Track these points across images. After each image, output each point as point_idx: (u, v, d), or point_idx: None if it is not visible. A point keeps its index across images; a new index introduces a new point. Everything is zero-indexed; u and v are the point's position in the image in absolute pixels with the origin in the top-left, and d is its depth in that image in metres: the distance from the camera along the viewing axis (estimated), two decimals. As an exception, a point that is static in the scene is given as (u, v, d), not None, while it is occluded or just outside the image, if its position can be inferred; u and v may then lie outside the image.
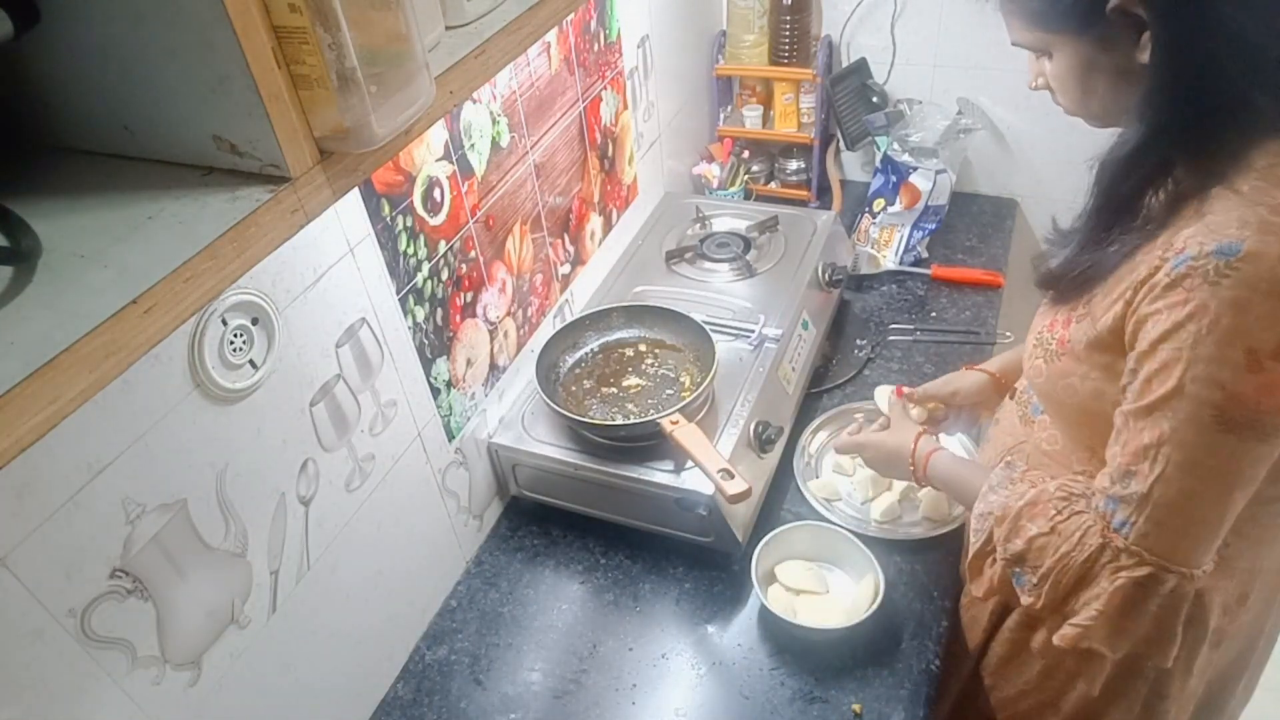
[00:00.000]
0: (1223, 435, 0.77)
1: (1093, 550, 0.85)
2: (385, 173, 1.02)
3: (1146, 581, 0.83)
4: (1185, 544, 0.82)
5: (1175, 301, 0.77)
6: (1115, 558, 0.84)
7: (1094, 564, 0.85)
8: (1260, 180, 0.78)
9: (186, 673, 0.86)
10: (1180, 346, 0.76)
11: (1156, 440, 0.80)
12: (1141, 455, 0.81)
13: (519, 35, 0.79)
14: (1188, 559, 0.82)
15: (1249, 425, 0.76)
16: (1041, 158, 1.90)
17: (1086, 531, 0.86)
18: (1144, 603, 0.84)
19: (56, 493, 0.71)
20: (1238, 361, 0.74)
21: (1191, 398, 0.77)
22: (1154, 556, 0.82)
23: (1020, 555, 0.91)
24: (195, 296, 0.53)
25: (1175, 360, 0.77)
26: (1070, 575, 0.87)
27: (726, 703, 1.12)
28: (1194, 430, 0.77)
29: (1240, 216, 0.76)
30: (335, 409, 1.00)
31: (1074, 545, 0.86)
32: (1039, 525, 0.89)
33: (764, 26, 1.86)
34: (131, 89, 0.57)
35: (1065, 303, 0.94)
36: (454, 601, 1.29)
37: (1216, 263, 0.74)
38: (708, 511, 1.19)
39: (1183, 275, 0.76)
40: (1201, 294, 0.75)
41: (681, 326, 1.40)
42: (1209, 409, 0.76)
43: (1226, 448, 0.77)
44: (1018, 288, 1.76)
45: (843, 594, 1.20)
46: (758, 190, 2.07)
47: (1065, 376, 0.93)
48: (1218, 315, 0.74)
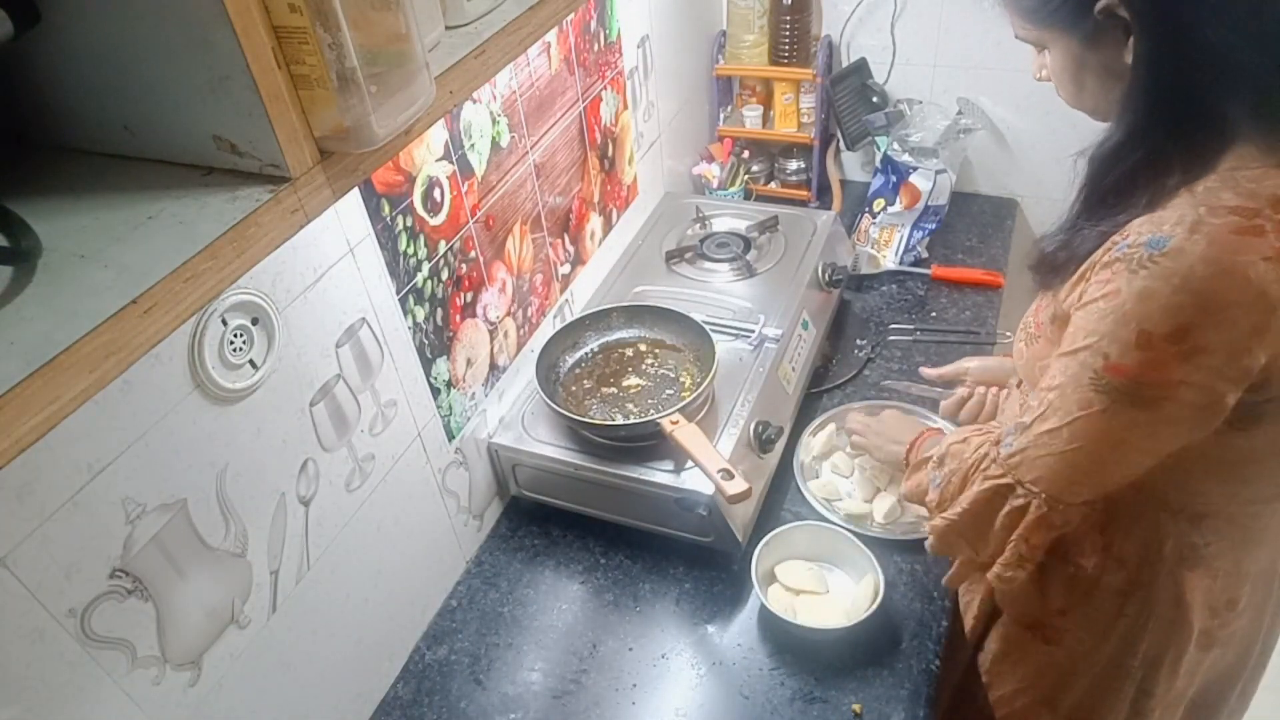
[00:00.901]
0: (1094, 394, 0.84)
1: (979, 458, 0.98)
2: (385, 173, 1.02)
3: (1002, 490, 0.94)
4: (1042, 471, 0.90)
5: (1102, 279, 0.83)
6: (988, 467, 0.96)
7: (975, 469, 0.98)
8: (1215, 182, 0.80)
9: (186, 673, 0.86)
10: (1088, 317, 0.84)
11: (1048, 385, 0.89)
12: (1038, 394, 0.91)
13: (519, 35, 0.79)
14: (1041, 483, 0.91)
15: (1122, 390, 0.82)
16: (1041, 158, 1.90)
17: (984, 444, 0.99)
18: (996, 508, 0.95)
19: (56, 493, 0.71)
20: (1127, 340, 0.80)
21: (1079, 360, 0.85)
22: (1014, 473, 0.93)
23: (940, 458, 1.04)
24: (195, 296, 0.53)
25: (1081, 328, 0.85)
26: (959, 477, 1.00)
27: (726, 703, 1.12)
28: (1073, 385, 0.86)
29: (1180, 214, 0.79)
30: (335, 409, 1.00)
31: (970, 451, 0.99)
32: (960, 437, 1.04)
33: (764, 26, 1.86)
34: (131, 89, 0.57)
35: (1047, 288, 0.97)
36: (454, 601, 1.29)
37: (1142, 253, 0.79)
38: (708, 511, 1.19)
39: (1115, 259, 0.81)
40: (1120, 280, 0.80)
41: (681, 326, 1.40)
42: (1089, 371, 0.84)
43: (1097, 404, 0.85)
44: (1018, 288, 1.76)
45: (843, 594, 1.20)
46: (758, 190, 2.07)
47: (1040, 359, 0.97)
48: (1124, 300, 0.80)
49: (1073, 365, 0.85)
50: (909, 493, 1.12)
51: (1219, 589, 0.99)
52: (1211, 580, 0.98)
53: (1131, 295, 0.79)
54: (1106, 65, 0.85)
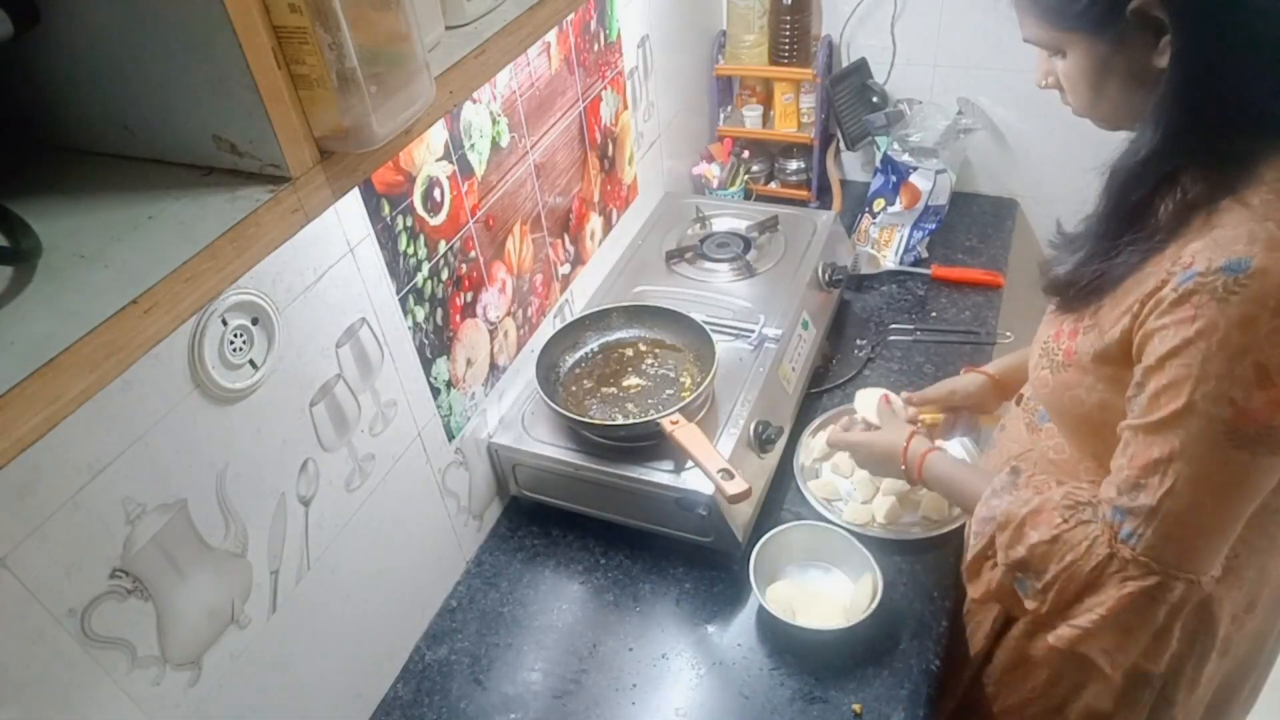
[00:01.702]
0: (1234, 451, 0.77)
1: (1100, 560, 0.85)
2: (385, 173, 1.02)
3: (1155, 590, 0.83)
4: (1193, 554, 0.82)
5: (1183, 318, 0.76)
6: (1123, 568, 0.84)
7: (1101, 573, 0.85)
8: (1270, 194, 0.77)
9: (186, 673, 0.86)
10: (1190, 363, 0.76)
11: (1167, 455, 0.80)
12: (1151, 469, 0.81)
13: (519, 35, 0.79)
14: (1195, 568, 0.83)
15: (1260, 440, 0.76)
16: (1041, 158, 1.90)
17: (1094, 541, 0.86)
18: (1151, 610, 0.85)
19: (56, 493, 0.71)
20: (1248, 378, 0.74)
21: (1202, 414, 0.77)
22: (1161, 566, 0.82)
23: (1023, 562, 0.91)
24: (195, 296, 0.53)
25: (1185, 377, 0.77)
26: (1077, 583, 0.87)
27: (726, 703, 1.12)
28: (1205, 446, 0.78)
29: (1249, 231, 0.75)
30: (335, 409, 1.00)
31: (1081, 554, 0.86)
32: (1042, 533, 0.89)
33: (764, 26, 1.86)
34: (131, 89, 0.57)
35: (1072, 312, 0.93)
36: (454, 601, 1.29)
37: (1225, 279, 0.74)
38: (708, 511, 1.19)
39: (1190, 291, 0.76)
40: (1210, 311, 0.75)
41: (681, 326, 1.40)
42: (1220, 425, 0.76)
43: (1237, 462, 0.77)
44: (1018, 288, 1.76)
45: (842, 594, 1.20)
46: (758, 190, 2.07)
47: (1071, 388, 0.93)
48: (1227, 332, 0.74)
49: (1192, 425, 0.77)
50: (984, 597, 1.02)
51: (1243, 596, 0.97)
52: (1238, 590, 0.96)
53: (1232, 325, 0.74)
54: (1132, 69, 0.82)
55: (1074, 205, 0.95)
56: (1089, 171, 0.89)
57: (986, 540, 0.95)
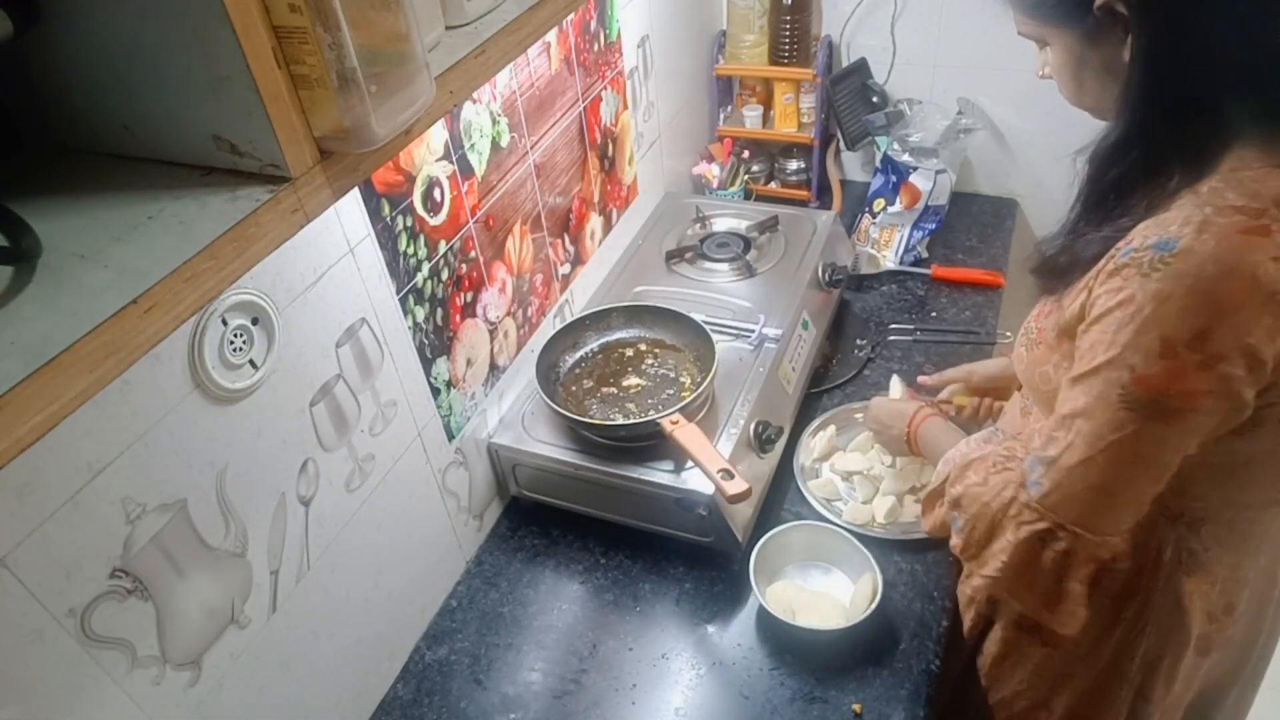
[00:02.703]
0: (1125, 413, 0.82)
1: (1005, 502, 0.93)
2: (385, 173, 1.02)
3: (1043, 536, 0.90)
4: (1081, 508, 0.87)
5: (1112, 288, 0.81)
6: (1020, 512, 0.91)
7: (1004, 515, 0.93)
8: (1219, 182, 0.80)
9: (186, 673, 0.86)
10: (1105, 329, 0.82)
11: (1072, 411, 0.86)
12: (1060, 424, 0.87)
13: (519, 35, 0.79)
14: (1083, 521, 0.88)
15: (1150, 405, 0.80)
16: (1041, 158, 1.90)
17: (1006, 484, 0.93)
18: (1039, 556, 0.91)
19: (56, 493, 0.71)
20: (1150, 348, 0.79)
21: (1104, 378, 0.82)
22: (1052, 515, 0.89)
23: (957, 499, 1.00)
24: (195, 296, 0.53)
25: (1100, 342, 0.82)
26: (984, 523, 0.95)
27: (726, 703, 1.12)
28: (1101, 407, 0.83)
29: (1186, 215, 0.78)
30: (335, 409, 1.00)
31: (993, 495, 0.94)
32: (975, 475, 0.98)
33: (764, 26, 1.86)
34: (131, 89, 0.57)
35: (1050, 292, 0.97)
36: (454, 601, 1.29)
37: (1152, 256, 0.78)
38: (708, 511, 1.19)
39: (1124, 264, 0.80)
40: (1133, 285, 0.79)
41: (681, 326, 1.40)
42: (1116, 388, 0.81)
43: (1129, 425, 0.82)
44: (1018, 288, 1.76)
45: (842, 594, 1.20)
46: (758, 190, 2.07)
47: (1041, 364, 0.97)
48: (1140, 305, 0.78)
49: (1096, 384, 0.83)
50: (932, 530, 1.10)
51: (1217, 594, 0.99)
52: (1210, 586, 0.98)
53: (1147, 299, 0.78)
54: (1105, 63, 0.85)
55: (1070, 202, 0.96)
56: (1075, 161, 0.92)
57: (943, 478, 1.04)
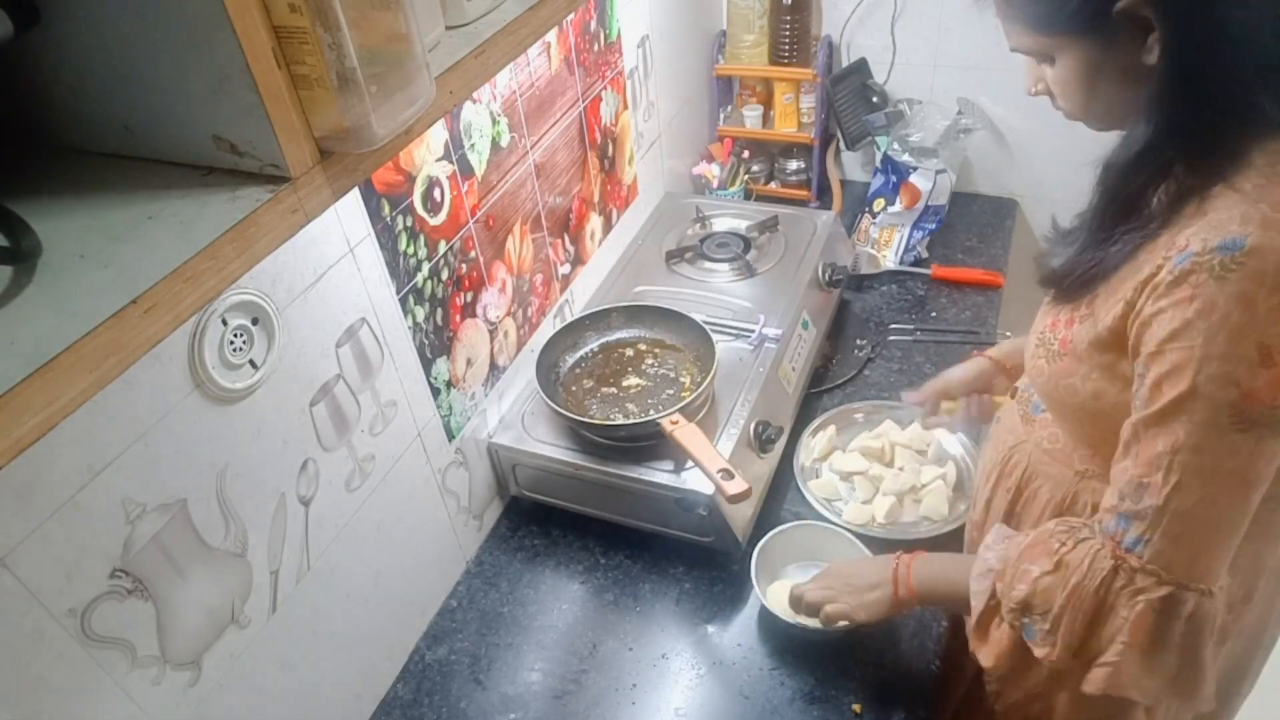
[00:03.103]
0: (1239, 435, 0.73)
1: (1105, 574, 0.79)
2: (385, 173, 1.02)
3: (1167, 603, 0.78)
4: (1204, 556, 0.78)
5: (1181, 299, 0.75)
6: (1130, 580, 0.78)
7: (1108, 591, 0.79)
8: (1261, 178, 0.78)
9: (186, 673, 0.87)
10: (1191, 345, 0.73)
11: (1171, 447, 0.76)
12: (1154, 465, 0.77)
13: (519, 35, 0.79)
14: (1207, 573, 0.78)
15: (1264, 422, 0.73)
16: (1041, 158, 1.90)
17: (1095, 556, 0.80)
18: (1167, 628, 0.79)
19: (56, 493, 0.71)
20: (1251, 358, 0.72)
21: (1207, 398, 0.73)
22: (1171, 575, 0.77)
23: (1026, 602, 0.84)
24: (195, 296, 0.53)
25: (1186, 360, 0.74)
26: (1084, 610, 0.80)
27: (726, 703, 1.12)
28: (1211, 432, 0.74)
29: (1243, 213, 0.75)
30: (335, 409, 1.00)
31: (1084, 575, 0.80)
32: (1042, 564, 0.83)
33: (764, 26, 1.86)
34: (132, 89, 0.57)
35: (1068, 302, 0.93)
36: (454, 601, 1.29)
37: (1221, 258, 0.73)
38: (708, 511, 1.19)
39: (1187, 271, 0.75)
40: (1208, 290, 0.73)
41: (681, 326, 1.40)
42: (1226, 408, 0.73)
43: (1245, 447, 0.74)
44: (1018, 288, 1.76)
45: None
46: (758, 190, 2.07)
47: (1067, 377, 0.93)
48: (1227, 311, 0.72)
49: (1196, 411, 0.74)
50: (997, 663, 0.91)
51: (1237, 584, 0.97)
52: (1233, 578, 0.95)
53: (1231, 304, 0.72)
54: (1123, 68, 0.82)
55: (1074, 204, 0.96)
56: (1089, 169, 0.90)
57: (989, 592, 0.89)
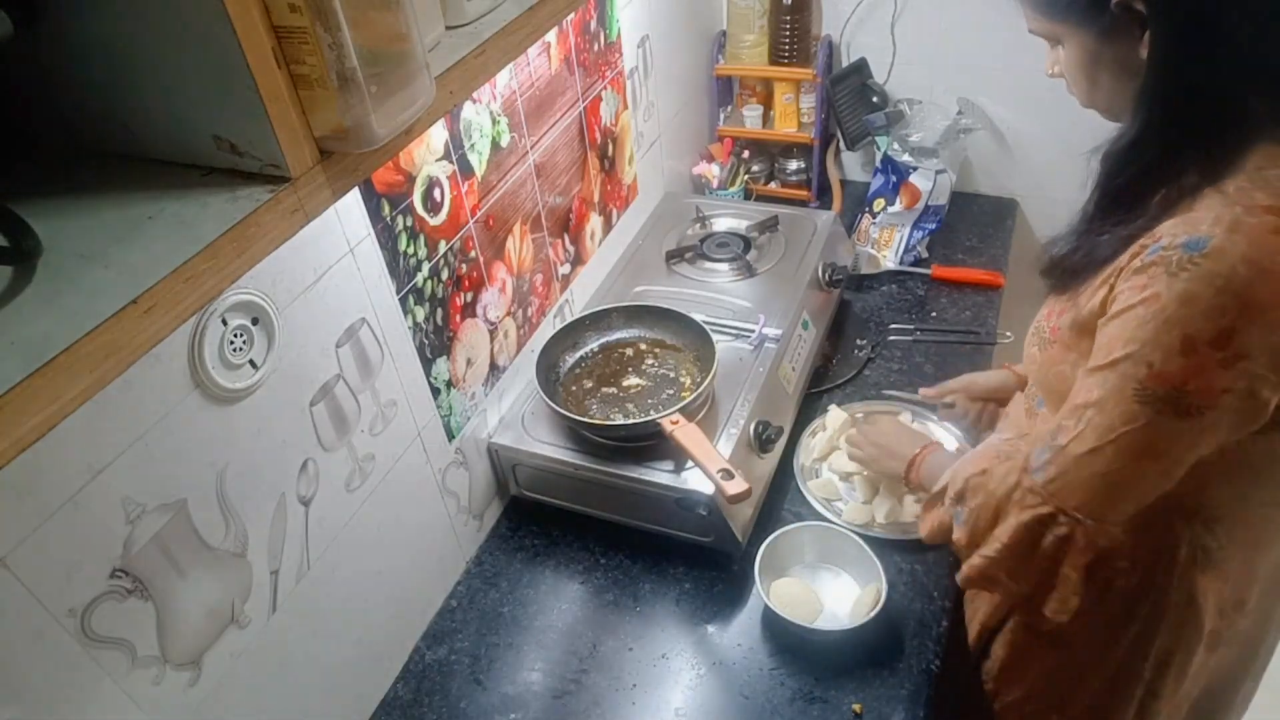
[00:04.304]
0: (1139, 406, 0.82)
1: (1009, 487, 0.93)
2: (385, 173, 1.02)
3: (1044, 520, 0.90)
4: (1084, 495, 0.87)
5: (1137, 285, 0.81)
6: (1023, 496, 0.92)
7: (1007, 500, 0.93)
8: (1246, 181, 0.79)
9: (186, 673, 0.87)
10: (1126, 325, 0.81)
11: (1085, 402, 0.86)
12: (1071, 413, 0.87)
13: (519, 35, 0.80)
14: (1084, 509, 0.88)
15: (1166, 400, 0.80)
16: (1041, 158, 1.90)
17: (1009, 471, 0.94)
18: (1038, 539, 0.91)
19: (56, 493, 0.71)
20: (1171, 345, 0.78)
21: (1120, 371, 0.82)
22: (1054, 500, 0.89)
23: (960, 492, 0.99)
24: (195, 296, 0.53)
25: (1119, 337, 0.82)
26: (989, 511, 0.95)
27: (726, 703, 1.12)
28: (1115, 399, 0.83)
29: (1216, 214, 0.78)
30: (335, 409, 1.00)
31: (997, 483, 0.94)
32: (976, 466, 0.98)
33: (764, 26, 1.86)
34: (132, 89, 0.57)
35: (1062, 292, 0.96)
36: (454, 601, 1.29)
37: (1180, 255, 0.77)
38: (708, 511, 1.19)
39: (1151, 263, 0.80)
40: (1159, 283, 0.78)
41: (681, 326, 1.40)
42: (1132, 382, 0.81)
43: (1141, 418, 0.82)
44: (1018, 288, 1.76)
45: (845, 596, 1.20)
46: (758, 190, 2.07)
47: (1056, 364, 0.96)
48: (1165, 304, 0.78)
49: (1112, 378, 0.83)
50: (930, 535, 1.07)
51: (1229, 590, 0.98)
52: (1223, 582, 0.98)
53: (1173, 299, 0.77)
54: (1121, 60, 0.84)
55: (1074, 205, 0.96)
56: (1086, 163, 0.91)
57: (945, 482, 1.03)
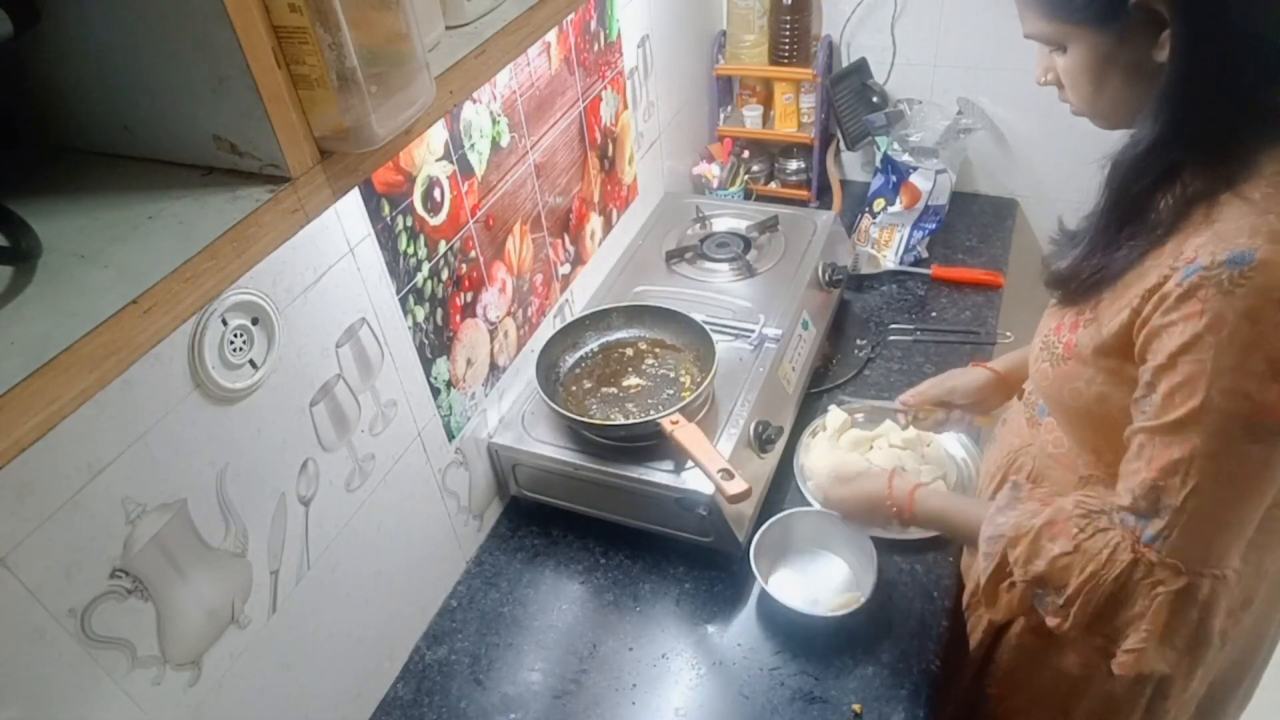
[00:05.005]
0: (1252, 445, 0.77)
1: (1124, 566, 0.84)
2: (385, 173, 1.02)
3: (1186, 591, 0.82)
4: (1216, 551, 0.82)
5: (1190, 313, 0.76)
6: (1149, 573, 0.83)
7: (1127, 581, 0.84)
8: (1270, 187, 0.77)
9: (186, 673, 0.87)
10: (1203, 358, 0.76)
11: (1188, 455, 0.79)
12: (1171, 470, 0.80)
13: (519, 35, 0.80)
14: (1219, 563, 0.83)
15: (1276, 433, 0.76)
16: (1041, 158, 1.90)
17: (1115, 548, 0.84)
18: (1185, 612, 0.84)
19: (56, 493, 0.71)
20: (1261, 371, 0.74)
21: (1219, 410, 0.76)
22: (1188, 566, 0.82)
23: (1043, 577, 0.88)
24: (195, 296, 0.53)
25: (1199, 374, 0.76)
26: (1101, 594, 0.85)
27: (726, 703, 1.12)
28: (1224, 442, 0.77)
29: (1251, 225, 0.75)
30: (335, 409, 1.00)
31: (1103, 564, 0.85)
32: (1061, 545, 0.87)
33: (764, 26, 1.86)
34: (131, 89, 0.57)
35: (1073, 305, 0.93)
36: (454, 601, 1.29)
37: (1230, 272, 0.74)
38: (708, 511, 1.19)
39: (1195, 285, 0.76)
40: (1216, 304, 0.74)
41: (681, 326, 1.40)
42: (1238, 420, 0.76)
43: (1258, 457, 0.77)
44: (1018, 288, 1.76)
45: (842, 580, 1.22)
46: (758, 190, 2.07)
47: (1071, 380, 0.93)
48: (1236, 325, 0.74)
49: (1210, 422, 0.77)
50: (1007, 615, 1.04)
51: (1239, 590, 0.96)
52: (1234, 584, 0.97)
53: (1240, 318, 0.74)
54: (1134, 63, 0.82)
55: (1074, 205, 0.95)
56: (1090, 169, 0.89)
57: (1000, 558, 0.92)
